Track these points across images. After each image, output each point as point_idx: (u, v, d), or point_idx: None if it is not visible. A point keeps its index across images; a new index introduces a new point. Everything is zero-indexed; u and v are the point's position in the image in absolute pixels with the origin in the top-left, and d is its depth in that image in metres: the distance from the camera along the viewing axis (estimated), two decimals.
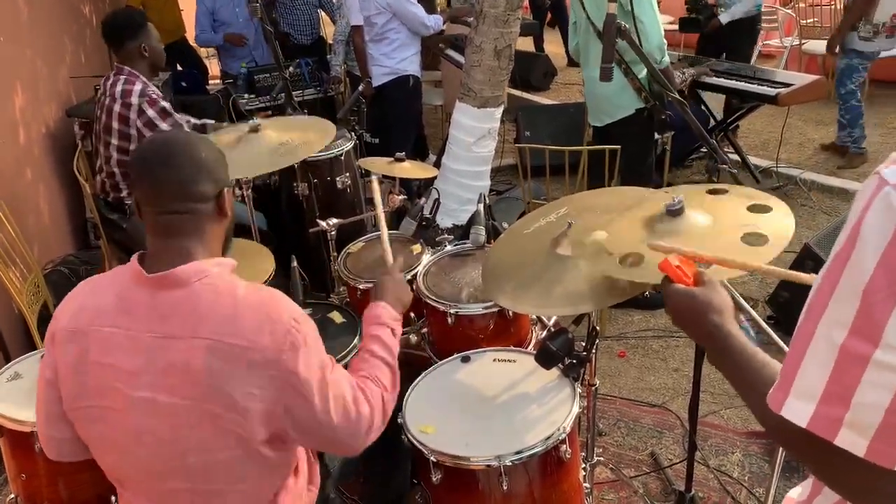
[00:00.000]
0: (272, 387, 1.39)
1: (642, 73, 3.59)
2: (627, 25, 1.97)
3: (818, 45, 7.33)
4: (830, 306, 0.79)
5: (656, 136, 3.74)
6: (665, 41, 3.61)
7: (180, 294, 1.42)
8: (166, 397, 1.40)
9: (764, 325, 1.93)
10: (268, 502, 1.57)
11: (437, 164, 4.25)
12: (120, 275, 1.50)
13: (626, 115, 3.74)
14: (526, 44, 8.65)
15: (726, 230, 1.66)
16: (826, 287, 0.79)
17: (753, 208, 1.70)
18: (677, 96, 2.14)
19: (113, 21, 3.35)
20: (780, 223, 1.64)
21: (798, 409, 0.80)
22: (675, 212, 1.71)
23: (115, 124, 3.28)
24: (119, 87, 3.27)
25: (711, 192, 1.82)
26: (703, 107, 5.45)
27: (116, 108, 3.26)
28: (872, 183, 0.78)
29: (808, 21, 7.59)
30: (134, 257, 1.48)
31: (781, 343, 1.89)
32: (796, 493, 1.05)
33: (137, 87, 3.27)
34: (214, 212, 1.52)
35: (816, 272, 0.83)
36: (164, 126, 3.26)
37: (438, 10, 5.24)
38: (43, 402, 1.55)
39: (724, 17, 5.57)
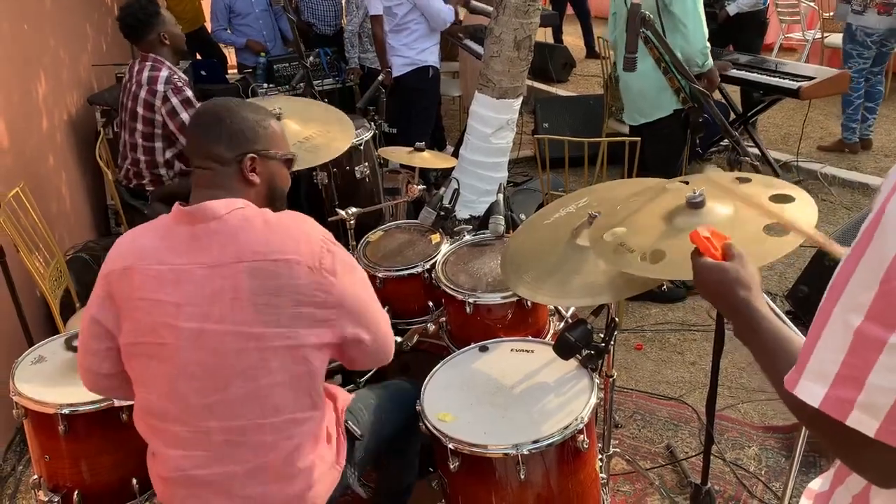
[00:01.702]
0: (320, 289, 1.53)
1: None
2: (652, 16, 1.96)
3: (840, 38, 7.25)
4: (848, 290, 0.79)
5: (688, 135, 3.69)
6: (708, 45, 3.51)
7: (215, 225, 1.53)
8: (214, 325, 1.50)
9: (784, 318, 1.92)
10: (299, 455, 1.61)
11: (455, 155, 4.25)
12: (163, 219, 1.61)
13: (663, 116, 3.68)
14: (545, 35, 8.61)
15: (748, 221, 1.65)
16: (846, 271, 0.80)
17: (775, 198, 1.69)
18: (701, 88, 2.13)
19: (127, 17, 3.35)
20: (803, 213, 1.63)
21: (811, 390, 0.81)
22: (696, 204, 1.70)
23: (141, 110, 3.31)
24: (146, 74, 3.31)
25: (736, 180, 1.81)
26: (723, 99, 5.41)
27: (142, 94, 3.29)
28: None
29: (831, 14, 7.49)
30: (176, 204, 1.59)
31: (797, 331, 1.88)
32: (817, 484, 1.05)
33: (163, 73, 3.30)
34: (238, 174, 1.62)
35: (836, 268, 0.83)
36: (184, 116, 3.28)
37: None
38: (85, 336, 1.66)
39: (732, 8, 5.54)
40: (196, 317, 1.51)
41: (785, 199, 1.67)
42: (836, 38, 7.28)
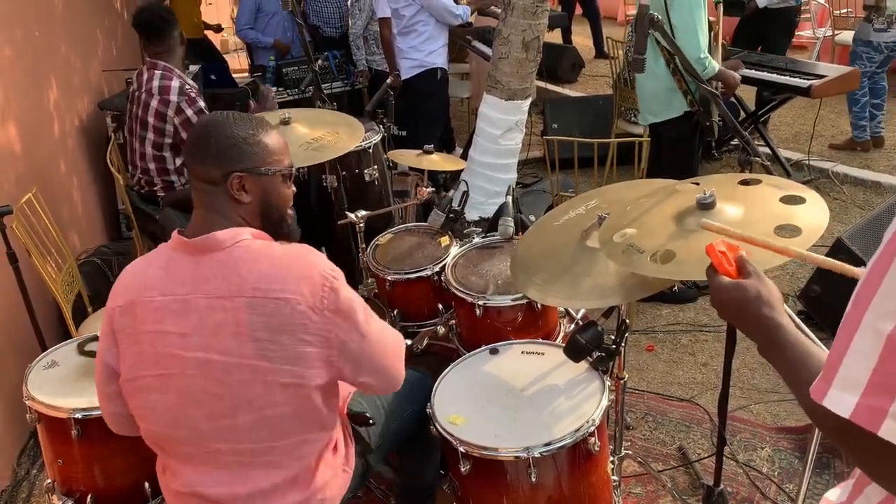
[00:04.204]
0: (323, 329, 1.50)
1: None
2: (661, 17, 1.95)
3: (851, 36, 7.20)
4: (878, 296, 0.77)
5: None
6: (705, 54, 3.44)
7: (219, 256, 1.51)
8: (219, 356, 1.49)
9: (797, 319, 1.91)
10: (307, 470, 1.62)
11: (464, 157, 4.25)
12: (163, 249, 1.59)
13: (673, 117, 3.65)
14: (554, 36, 8.60)
15: (759, 222, 1.64)
16: (874, 277, 0.78)
17: (786, 199, 1.68)
18: (710, 88, 2.12)
19: (151, 16, 3.35)
20: (814, 214, 1.62)
21: (841, 400, 0.79)
22: (706, 205, 1.70)
23: (151, 119, 3.31)
24: (156, 83, 3.30)
25: (743, 182, 1.80)
26: (733, 98, 5.38)
27: (154, 104, 3.28)
28: None
29: (842, 11, 7.45)
30: (175, 232, 1.57)
31: (814, 338, 1.87)
32: (834, 494, 1.02)
33: (175, 83, 3.30)
34: (226, 194, 1.57)
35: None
36: None
37: (465, 1, 5.22)
38: (100, 382, 1.66)
39: (762, 1, 5.47)
40: (201, 347, 1.50)
41: (796, 200, 1.66)
42: (846, 36, 7.24)
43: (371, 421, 1.88)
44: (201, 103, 3.33)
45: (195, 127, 1.65)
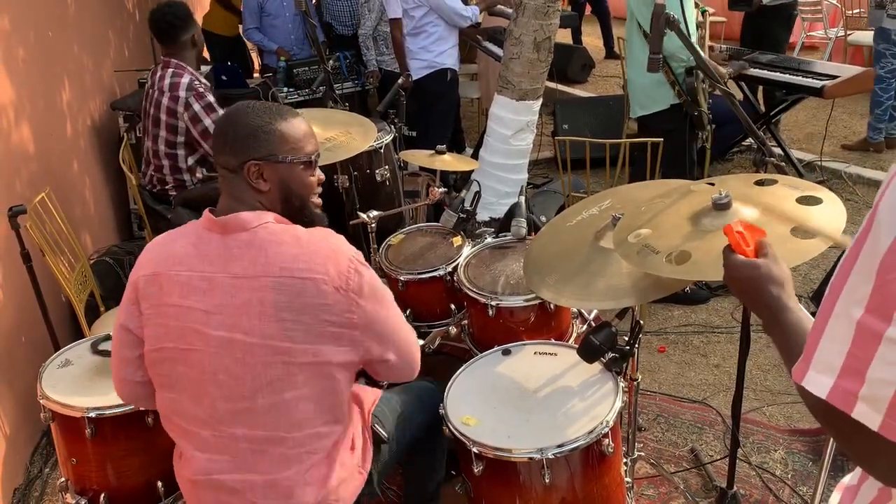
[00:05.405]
0: (346, 310, 1.52)
1: (680, 69, 3.54)
2: (676, 16, 1.94)
3: (863, 36, 7.17)
4: (849, 283, 0.81)
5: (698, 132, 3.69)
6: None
7: (246, 237, 1.54)
8: (242, 336, 1.51)
9: (805, 312, 1.90)
10: (321, 467, 1.63)
11: (475, 158, 4.24)
12: (194, 226, 1.62)
13: (661, 110, 3.71)
14: (564, 36, 8.59)
15: (774, 223, 1.63)
16: (847, 265, 0.82)
17: (803, 200, 1.67)
18: (725, 88, 2.11)
19: (166, 17, 3.36)
20: (831, 215, 1.61)
21: (818, 381, 0.82)
22: (722, 205, 1.69)
23: (164, 117, 3.33)
24: (167, 81, 3.32)
25: (759, 183, 1.79)
26: (748, 99, 5.35)
27: (165, 101, 3.31)
28: (895, 166, 0.82)
29: (854, 11, 7.41)
30: (206, 210, 1.60)
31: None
32: (848, 478, 1.06)
33: (185, 79, 3.31)
34: (245, 182, 1.59)
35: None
36: (207, 122, 3.29)
37: (474, 1, 5.20)
38: (117, 345, 1.68)
39: None
40: (225, 326, 1.52)
41: (812, 200, 1.65)
42: (859, 36, 7.21)
43: (386, 439, 1.89)
44: (210, 98, 3.33)
45: (220, 117, 1.69)
